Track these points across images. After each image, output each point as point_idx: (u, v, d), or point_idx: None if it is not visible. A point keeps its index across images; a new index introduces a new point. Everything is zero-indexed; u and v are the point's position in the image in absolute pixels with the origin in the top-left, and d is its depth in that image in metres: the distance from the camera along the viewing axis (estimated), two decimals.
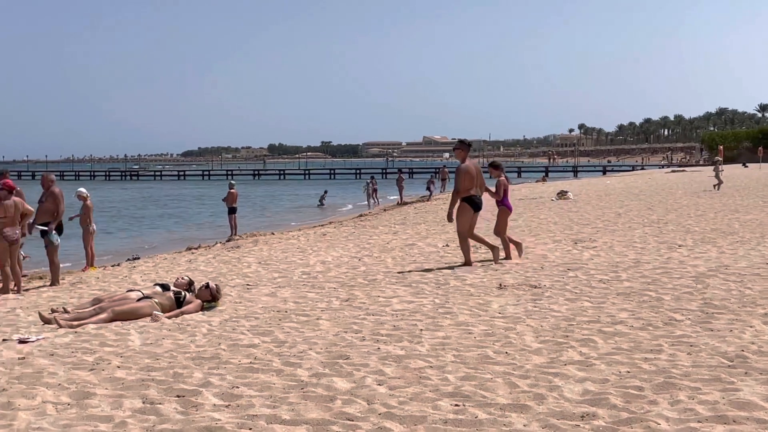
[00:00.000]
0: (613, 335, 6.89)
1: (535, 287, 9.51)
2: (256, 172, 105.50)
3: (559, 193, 29.87)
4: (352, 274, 11.41)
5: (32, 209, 12.33)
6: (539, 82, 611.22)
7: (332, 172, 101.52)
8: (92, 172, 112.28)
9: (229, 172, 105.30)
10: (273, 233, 22.59)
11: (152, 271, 13.83)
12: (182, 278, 9.66)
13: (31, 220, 12.61)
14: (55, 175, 13.79)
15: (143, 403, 5.34)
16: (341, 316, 8.20)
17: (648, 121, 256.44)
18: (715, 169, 30.86)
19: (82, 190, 15.76)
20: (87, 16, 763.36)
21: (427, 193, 42.82)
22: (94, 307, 8.72)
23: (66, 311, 8.78)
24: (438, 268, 11.54)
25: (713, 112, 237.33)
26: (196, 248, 19.14)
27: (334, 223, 26.34)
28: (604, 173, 79.99)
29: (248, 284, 10.93)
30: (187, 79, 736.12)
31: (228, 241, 21.51)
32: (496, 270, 11.10)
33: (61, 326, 8.15)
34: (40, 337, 7.60)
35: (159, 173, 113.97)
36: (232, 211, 25.24)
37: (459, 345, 6.71)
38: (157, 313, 8.52)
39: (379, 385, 5.58)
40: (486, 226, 14.50)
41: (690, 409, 4.83)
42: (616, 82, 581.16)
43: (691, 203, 23.42)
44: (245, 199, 42.94)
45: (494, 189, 12.51)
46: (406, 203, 38.71)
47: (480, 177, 11.82)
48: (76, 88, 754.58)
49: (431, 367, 5.99)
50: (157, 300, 8.80)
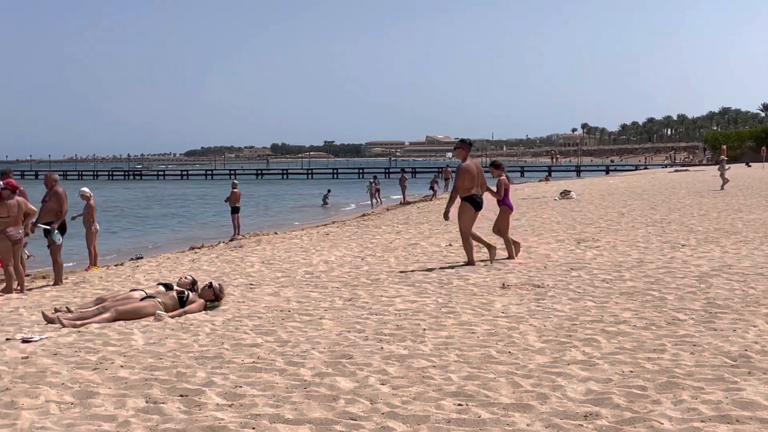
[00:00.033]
0: (616, 335, 6.89)
1: (538, 287, 9.51)
2: (259, 172, 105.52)
3: (562, 193, 29.86)
4: (355, 274, 11.41)
5: (35, 209, 12.36)
6: (542, 81, 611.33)
7: (335, 171, 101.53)
8: (95, 172, 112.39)
9: (232, 172, 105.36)
10: (276, 233, 22.59)
11: (155, 270, 13.84)
12: (185, 278, 9.67)
13: (34, 220, 12.63)
14: (58, 175, 13.81)
15: (146, 402, 5.34)
16: (344, 316, 8.21)
17: (651, 120, 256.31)
18: (720, 168, 30.83)
19: (85, 189, 15.78)
20: (89, 16, 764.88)
21: (431, 193, 42.83)
22: (97, 307, 8.72)
23: (69, 311, 8.79)
24: (441, 268, 11.54)
25: (716, 111, 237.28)
26: (199, 248, 19.16)
27: (337, 222, 26.34)
28: (607, 173, 79.87)
29: (251, 284, 10.94)
30: (190, 78, 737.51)
31: (231, 240, 21.52)
32: (499, 270, 11.10)
33: (64, 326, 8.16)
34: (43, 337, 7.61)
35: (162, 173, 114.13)
36: (235, 210, 25.26)
37: (462, 344, 6.70)
38: (160, 312, 8.52)
39: (382, 384, 5.58)
40: (487, 225, 14.48)
41: (693, 409, 4.82)
42: (619, 81, 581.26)
43: (694, 203, 23.40)
44: (248, 198, 42.99)
45: (495, 188, 12.53)
46: (409, 203, 38.70)
47: (481, 176, 11.82)
48: (79, 87, 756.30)
49: (434, 367, 5.99)
50: (160, 299, 8.80)
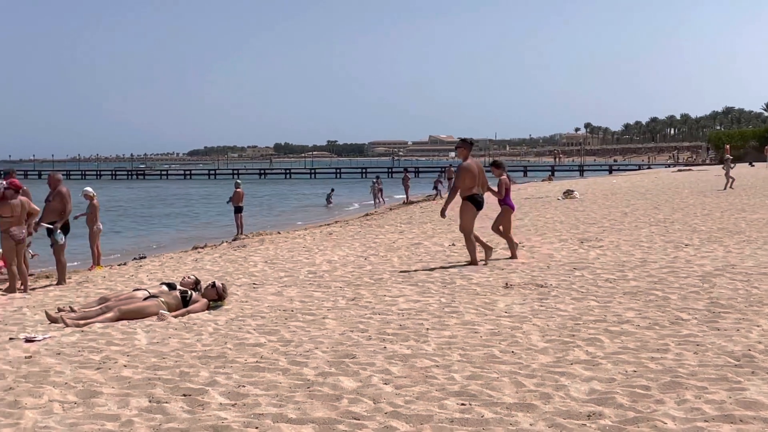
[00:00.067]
0: (619, 334, 6.89)
1: (542, 286, 9.50)
2: (262, 172, 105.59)
3: (565, 192, 29.83)
4: (358, 273, 11.41)
5: (38, 208, 12.38)
6: (545, 80, 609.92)
7: (338, 171, 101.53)
8: (98, 172, 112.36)
9: (235, 172, 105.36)
10: (279, 232, 22.60)
11: (158, 270, 13.85)
12: (188, 277, 9.67)
13: (38, 219, 12.64)
14: (61, 174, 13.81)
15: (150, 402, 5.35)
16: (347, 315, 8.21)
17: (654, 120, 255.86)
18: (725, 166, 30.79)
19: (89, 189, 15.81)
20: (92, 16, 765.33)
21: (434, 192, 42.82)
22: (100, 306, 8.73)
23: (72, 310, 8.80)
24: (444, 267, 11.53)
25: (720, 111, 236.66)
26: (203, 247, 19.16)
27: (340, 222, 26.34)
28: (611, 172, 79.75)
29: (254, 283, 10.94)
30: (193, 78, 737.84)
31: (234, 240, 21.53)
32: (503, 269, 11.09)
33: (67, 325, 8.17)
34: (46, 336, 7.63)
35: (165, 172, 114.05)
36: (239, 210, 25.28)
37: (465, 344, 6.70)
38: (163, 312, 8.53)
39: (386, 384, 5.58)
40: (488, 225, 14.46)
41: (696, 409, 4.82)
42: (622, 80, 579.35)
43: (697, 202, 23.37)
44: (251, 198, 42.98)
45: (496, 188, 12.54)
46: (412, 202, 38.71)
47: (482, 175, 11.82)
48: (82, 87, 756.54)
49: (437, 366, 5.99)
50: (163, 299, 8.81)
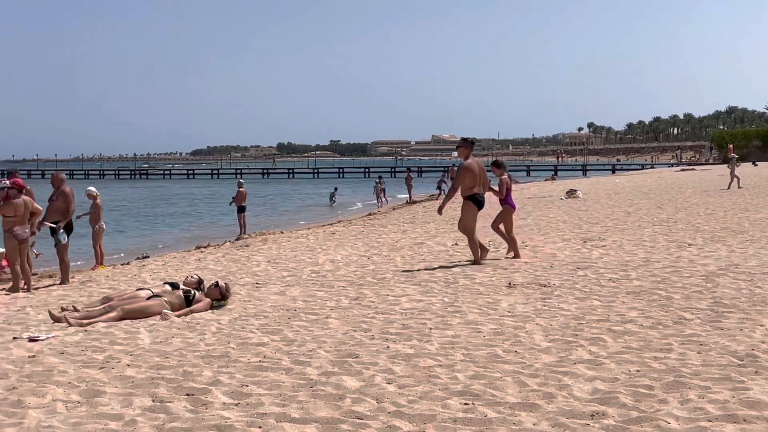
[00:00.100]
0: (622, 334, 6.88)
1: (545, 286, 9.49)
2: (266, 171, 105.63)
3: (568, 192, 29.82)
4: (361, 273, 11.41)
5: (41, 208, 12.40)
6: (548, 80, 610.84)
7: (341, 170, 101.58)
8: (102, 171, 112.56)
9: (238, 171, 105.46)
10: (282, 232, 22.62)
11: (162, 269, 13.86)
12: (192, 277, 9.68)
13: (41, 218, 12.66)
14: (64, 174, 13.82)
15: (153, 401, 5.35)
16: (350, 315, 8.21)
17: (657, 119, 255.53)
18: (730, 165, 30.74)
19: (92, 188, 15.82)
20: (95, 16, 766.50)
21: (437, 192, 42.78)
22: (103, 306, 8.74)
23: (76, 310, 8.81)
24: (447, 267, 11.53)
25: (723, 110, 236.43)
26: (206, 247, 19.18)
27: (343, 221, 26.34)
28: (614, 172, 79.72)
29: (257, 283, 10.95)
30: (196, 77, 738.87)
31: (237, 239, 21.53)
32: (506, 269, 11.09)
33: (71, 324, 8.18)
34: (50, 336, 7.63)
35: (168, 172, 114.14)
36: (242, 209, 25.27)
37: (468, 344, 6.70)
38: (166, 311, 8.54)
39: (389, 383, 5.58)
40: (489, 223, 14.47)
41: (700, 408, 4.81)
42: (625, 80, 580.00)
43: (700, 202, 23.34)
44: (254, 197, 43.00)
45: (497, 188, 12.54)
46: (415, 202, 38.70)
47: (483, 175, 11.82)
48: (86, 87, 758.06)
49: (440, 366, 5.99)
50: (166, 299, 8.82)
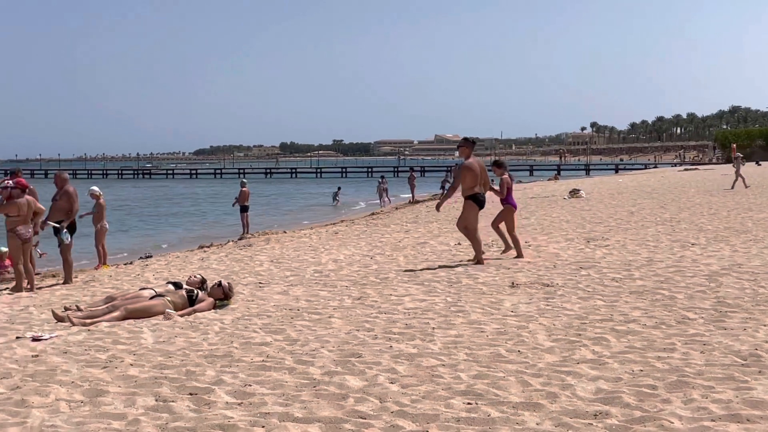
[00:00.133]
0: (626, 334, 6.87)
1: (548, 286, 9.49)
2: (268, 171, 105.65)
3: (571, 192, 29.78)
4: (364, 273, 11.41)
5: (44, 208, 12.42)
6: (551, 80, 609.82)
7: (344, 170, 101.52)
8: (105, 171, 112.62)
9: (241, 171, 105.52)
10: (285, 232, 22.60)
11: (165, 269, 13.88)
12: (195, 276, 9.69)
13: (44, 218, 12.68)
14: (67, 174, 13.84)
15: (156, 401, 5.35)
16: (353, 315, 8.21)
17: (660, 119, 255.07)
18: (735, 165, 30.71)
19: (95, 188, 15.83)
20: (97, 16, 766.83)
21: (441, 192, 42.77)
22: (106, 305, 8.75)
23: (79, 309, 8.82)
24: (450, 267, 11.53)
25: (726, 110, 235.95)
26: (209, 246, 19.19)
27: (346, 221, 26.33)
28: (617, 171, 79.57)
29: (260, 282, 10.95)
30: (199, 77, 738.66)
31: (240, 239, 21.52)
32: (509, 268, 11.09)
33: (74, 324, 8.19)
34: (53, 335, 7.64)
35: (171, 171, 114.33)
36: (245, 209, 25.29)
37: (471, 343, 6.70)
38: (169, 311, 8.55)
39: (392, 383, 5.58)
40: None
41: (703, 408, 4.81)
42: (628, 80, 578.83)
43: (704, 201, 23.32)
44: (257, 197, 43.03)
45: (498, 187, 12.55)
46: (418, 201, 38.69)
47: (484, 174, 11.83)
48: (88, 87, 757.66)
49: (444, 366, 5.99)
50: (169, 298, 8.82)
